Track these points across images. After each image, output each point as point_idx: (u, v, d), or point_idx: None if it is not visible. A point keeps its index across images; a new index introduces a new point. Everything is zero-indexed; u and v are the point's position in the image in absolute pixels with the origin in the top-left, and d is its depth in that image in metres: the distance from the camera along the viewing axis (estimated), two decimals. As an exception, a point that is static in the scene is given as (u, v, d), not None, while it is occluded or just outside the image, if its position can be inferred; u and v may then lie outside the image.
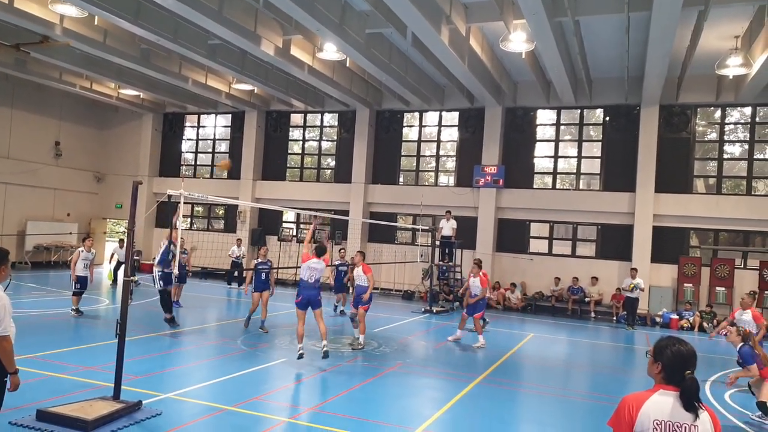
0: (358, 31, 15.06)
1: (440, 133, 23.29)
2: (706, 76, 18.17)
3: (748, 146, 19.62)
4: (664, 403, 3.01)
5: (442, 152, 23.35)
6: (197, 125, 27.38)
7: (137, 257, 20.93)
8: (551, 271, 20.61)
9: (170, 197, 8.13)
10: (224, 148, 26.85)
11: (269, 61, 17.95)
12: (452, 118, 22.97)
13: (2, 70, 20.64)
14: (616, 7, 13.17)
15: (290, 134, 25.70)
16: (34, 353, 9.14)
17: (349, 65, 19.79)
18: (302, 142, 25.65)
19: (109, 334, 8.48)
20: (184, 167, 27.39)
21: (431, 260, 18.89)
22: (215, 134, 27.14)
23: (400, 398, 8.52)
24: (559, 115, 21.57)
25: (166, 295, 12.33)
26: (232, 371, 9.27)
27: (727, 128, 20.01)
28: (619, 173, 20.32)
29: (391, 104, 23.14)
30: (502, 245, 21.53)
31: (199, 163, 27.43)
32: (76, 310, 13.24)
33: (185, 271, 15.29)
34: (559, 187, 21.53)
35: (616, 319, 18.43)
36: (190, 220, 26.74)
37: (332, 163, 24.99)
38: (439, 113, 23.11)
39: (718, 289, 18.71)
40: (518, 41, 14.23)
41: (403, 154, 23.77)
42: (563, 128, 21.77)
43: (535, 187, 21.59)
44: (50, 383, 7.85)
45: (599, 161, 21.01)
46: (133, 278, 7.75)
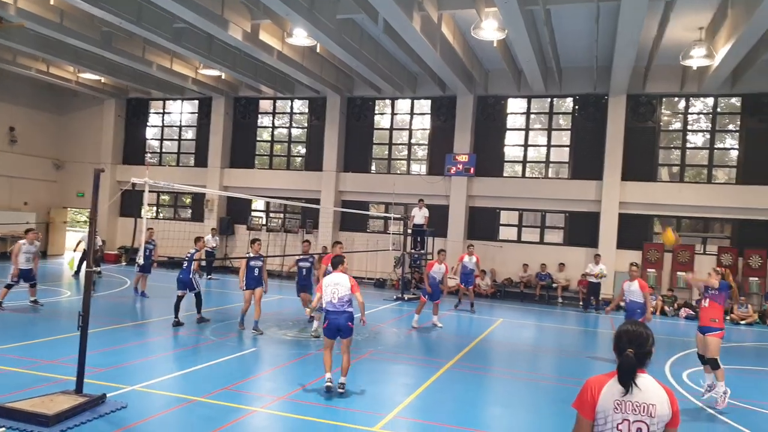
0: (328, 16, 14.83)
1: (412, 121, 23.22)
2: (671, 66, 18.48)
3: (709, 136, 20.07)
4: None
5: (413, 140, 23.29)
6: (162, 111, 26.74)
7: (101, 247, 20.48)
8: (520, 258, 20.82)
9: (134, 185, 7.89)
10: (191, 134, 26.32)
11: (237, 46, 17.58)
12: (424, 105, 22.92)
13: (-45, 52, 19.81)
14: (585, -5, 13.24)
15: (259, 121, 25.31)
16: (-8, 346, 8.84)
17: (319, 51, 19.54)
18: (272, 129, 25.30)
19: (71, 326, 8.21)
20: (149, 155, 26.77)
21: (403, 248, 18.89)
22: (181, 121, 26.55)
23: (371, 385, 8.49)
24: (529, 103, 21.70)
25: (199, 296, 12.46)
26: (200, 362, 9.11)
27: (690, 118, 20.42)
28: (587, 162, 20.59)
29: (362, 91, 22.95)
30: (472, 233, 21.65)
31: (164, 150, 26.83)
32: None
33: (150, 261, 15.00)
34: (528, 175, 21.71)
35: (583, 304, 18.72)
36: (156, 209, 26.19)
37: (302, 150, 24.72)
38: (411, 101, 23.02)
39: (679, 274, 19.18)
40: (490, 29, 14.21)
41: (374, 142, 23.63)
42: (533, 117, 21.93)
43: (505, 175, 21.74)
44: (8, 378, 7.59)
45: (568, 150, 21.24)
46: (95, 269, 7.51)
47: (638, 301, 10.48)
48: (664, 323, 16.48)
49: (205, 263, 21.70)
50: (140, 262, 9.59)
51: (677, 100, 20.36)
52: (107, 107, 26.52)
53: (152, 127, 26.97)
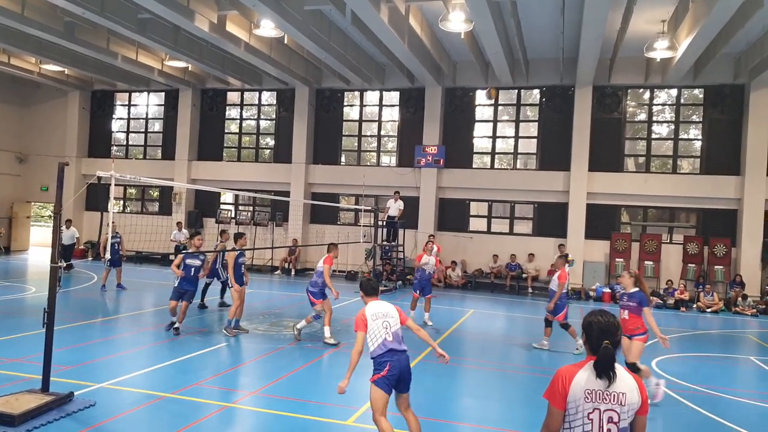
0: (296, 7, 14.70)
1: (381, 112, 23.22)
2: (635, 58, 18.84)
3: (674, 126, 20.53)
4: (593, 373, 3.13)
5: (383, 132, 23.30)
6: (128, 103, 26.21)
7: (77, 239, 20.23)
8: (490, 248, 21.05)
9: (100, 179, 7.75)
10: (157, 127, 25.87)
11: (204, 37, 17.30)
12: (393, 97, 22.92)
13: None
14: (552, -12, 13.38)
15: (227, 113, 25.02)
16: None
17: (287, 42, 19.38)
18: (240, 121, 25.02)
19: (36, 323, 8.07)
20: (114, 148, 26.24)
21: (374, 240, 18.93)
22: (148, 113, 26.07)
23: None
24: (497, 95, 21.86)
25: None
26: (170, 358, 9.02)
27: (655, 109, 20.85)
28: (554, 152, 20.88)
29: (331, 83, 22.84)
30: (443, 224, 21.81)
31: (131, 143, 26.32)
32: None
33: (118, 255, 14.86)
34: (497, 166, 21.93)
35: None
36: (123, 202, 25.73)
37: (271, 142, 24.52)
38: (379, 92, 23.01)
39: (646, 263, 19.64)
40: (457, 21, 14.27)
41: (344, 133, 23.57)
42: (501, 108, 22.12)
43: (474, 167, 21.92)
44: (-28, 377, 7.42)
45: (536, 141, 21.50)
46: (61, 264, 7.36)
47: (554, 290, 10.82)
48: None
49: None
50: (107, 257, 9.44)
51: (642, 91, 20.76)
52: (71, 99, 25.88)
53: (118, 119, 26.43)
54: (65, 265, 17.94)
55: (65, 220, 20.09)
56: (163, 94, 25.41)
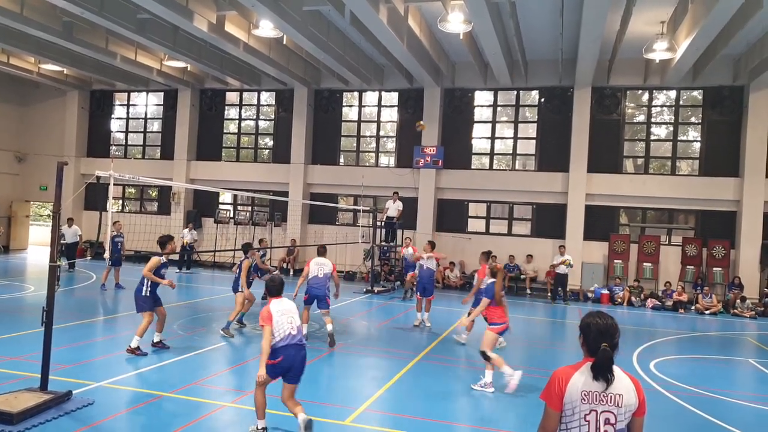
0: (294, 8, 14.71)
1: (380, 113, 23.23)
2: (634, 59, 18.86)
3: (672, 128, 20.56)
4: (590, 374, 3.12)
5: (382, 133, 23.31)
6: (127, 103, 26.21)
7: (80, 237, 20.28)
8: (488, 249, 20.98)
9: (99, 179, 7.75)
10: (156, 127, 25.87)
11: (202, 37, 17.32)
12: (392, 98, 22.93)
13: None
14: (551, -11, 13.40)
15: (226, 113, 25.02)
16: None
17: (286, 43, 19.38)
18: (238, 121, 25.03)
19: (34, 322, 8.06)
20: (113, 147, 26.24)
21: (372, 241, 18.94)
22: (147, 113, 26.07)
23: (341, 378, 8.54)
24: (496, 96, 21.90)
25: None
26: (168, 357, 9.02)
27: (653, 110, 20.88)
28: (553, 154, 20.89)
29: (329, 83, 22.85)
30: (441, 225, 21.81)
31: (130, 143, 26.32)
32: None
33: (120, 254, 14.87)
34: (496, 167, 21.94)
35: (551, 295, 18.97)
36: (121, 202, 25.72)
37: (270, 142, 24.53)
38: (378, 93, 23.02)
39: (645, 264, 19.65)
40: (456, 22, 14.28)
41: (342, 134, 23.58)
42: (500, 109, 22.14)
43: (473, 167, 21.93)
44: (-30, 376, 7.41)
45: (534, 142, 21.52)
46: (62, 262, 7.36)
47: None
48: (631, 314, 16.91)
49: (178, 257, 21.52)
50: (107, 256, 9.45)
51: (641, 92, 20.79)
52: (70, 99, 25.88)
53: (117, 119, 26.42)
54: (68, 263, 18.04)
55: (67, 218, 20.10)
56: (162, 94, 25.42)
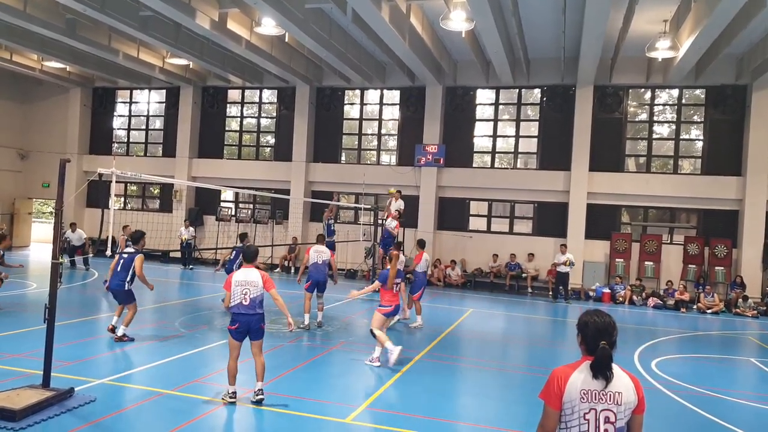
0: (297, 5, 14.70)
1: (381, 111, 23.22)
2: (637, 58, 18.82)
3: (675, 127, 20.53)
4: (589, 373, 3.13)
5: (383, 131, 23.30)
6: (129, 101, 26.23)
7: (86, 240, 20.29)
8: (490, 248, 21.05)
9: (101, 176, 7.77)
10: (158, 124, 25.88)
11: (205, 35, 17.32)
12: (393, 96, 22.92)
13: None
14: (553, -13, 13.38)
15: (228, 111, 25.02)
16: (-46, 341, 8.64)
17: (288, 41, 19.38)
18: (240, 119, 25.04)
19: (37, 319, 8.08)
20: (116, 145, 26.26)
21: (374, 239, 18.94)
22: (149, 110, 26.07)
23: (343, 376, 8.55)
24: (497, 94, 21.88)
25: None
26: (170, 354, 9.05)
27: (656, 109, 20.84)
28: (555, 152, 20.87)
29: (331, 81, 22.85)
30: (442, 223, 21.82)
31: (132, 140, 26.34)
32: None
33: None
34: (497, 166, 21.92)
35: (552, 294, 18.96)
36: (123, 199, 25.75)
37: (272, 140, 24.53)
38: (380, 91, 23.01)
39: (646, 263, 19.63)
40: (458, 20, 14.26)
41: (344, 132, 23.58)
42: (502, 108, 22.13)
43: (474, 166, 21.92)
44: (-27, 372, 7.43)
45: (536, 140, 21.50)
46: (62, 260, 7.39)
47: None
48: (632, 313, 16.91)
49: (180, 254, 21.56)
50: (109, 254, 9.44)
51: (643, 91, 20.76)
52: (73, 96, 25.90)
53: (119, 116, 26.44)
54: (70, 261, 18.08)
55: (69, 223, 20.12)
56: (164, 91, 25.42)
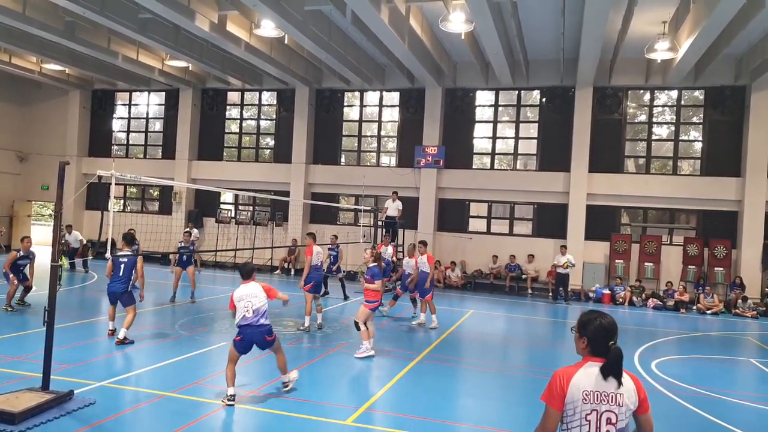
0: (296, 7, 14.71)
1: (381, 113, 23.22)
2: (636, 59, 18.83)
3: (674, 128, 20.54)
4: (592, 374, 3.12)
5: (383, 132, 23.31)
6: (129, 103, 26.24)
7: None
8: (490, 249, 21.05)
9: (101, 178, 7.76)
10: (158, 126, 25.88)
11: (204, 37, 17.32)
12: (393, 98, 22.93)
13: None
14: (552, -11, 13.39)
15: (227, 113, 25.04)
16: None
17: (287, 42, 19.39)
18: (240, 121, 25.04)
19: (36, 321, 8.08)
20: (115, 147, 26.26)
21: (373, 241, 18.92)
22: (148, 112, 26.08)
23: (343, 378, 8.54)
24: (497, 96, 21.89)
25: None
26: (170, 357, 9.03)
27: (655, 110, 20.85)
28: (554, 153, 20.88)
29: (331, 83, 22.86)
30: (442, 225, 21.82)
31: (131, 142, 26.34)
32: None
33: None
34: (497, 167, 21.93)
35: (552, 295, 18.95)
36: (123, 201, 25.75)
37: (271, 142, 24.53)
38: (379, 93, 23.02)
39: (646, 264, 19.63)
40: (457, 22, 14.26)
41: (344, 134, 23.58)
42: (501, 109, 22.14)
43: (474, 167, 21.92)
44: (-28, 375, 7.42)
45: (536, 142, 21.50)
46: (62, 263, 7.37)
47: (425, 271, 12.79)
48: (632, 314, 16.90)
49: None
50: (108, 256, 9.44)
51: (642, 92, 20.77)
52: (72, 98, 25.91)
53: (119, 118, 26.45)
54: (70, 263, 18.02)
55: (65, 225, 20.09)
56: (163, 93, 25.43)
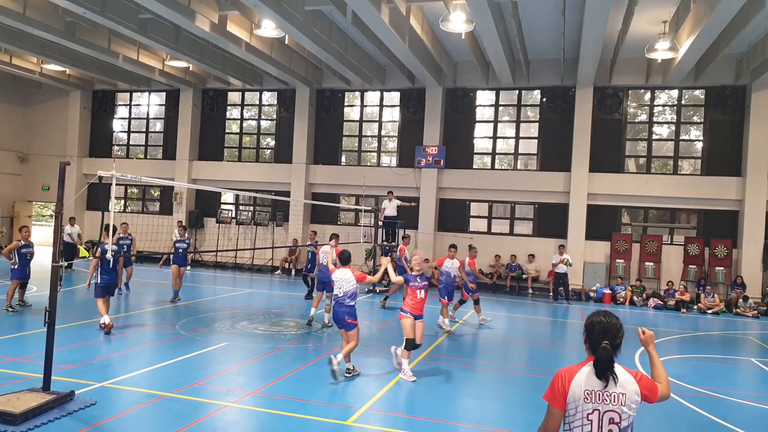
0: (296, 7, 14.71)
1: (382, 113, 23.22)
2: (636, 59, 18.84)
3: (674, 128, 20.53)
4: (593, 373, 3.13)
5: (383, 132, 23.31)
6: (129, 103, 26.25)
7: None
8: (490, 249, 21.03)
9: (101, 179, 7.77)
10: (159, 127, 25.89)
11: (205, 37, 17.33)
12: (394, 98, 22.93)
13: None
14: (552, -11, 13.39)
15: (228, 113, 25.04)
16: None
17: (288, 43, 19.40)
18: (240, 121, 25.04)
19: (37, 322, 8.08)
20: (116, 147, 26.26)
21: (374, 241, 18.92)
22: (149, 113, 26.10)
23: (344, 378, 8.52)
24: (497, 96, 21.89)
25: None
26: (170, 357, 9.03)
27: (655, 110, 20.84)
28: (555, 153, 20.87)
29: (331, 83, 22.86)
30: (443, 225, 21.81)
31: (132, 143, 26.35)
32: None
33: (129, 255, 14.78)
34: (497, 167, 21.92)
35: (553, 295, 18.90)
36: (123, 202, 25.76)
37: (272, 142, 24.53)
38: (380, 93, 23.01)
39: (647, 264, 19.63)
40: (458, 21, 14.27)
41: (344, 134, 23.58)
42: (502, 109, 22.13)
43: (474, 167, 21.92)
44: (-27, 376, 7.42)
45: (536, 142, 21.50)
46: (63, 263, 7.38)
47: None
48: (633, 313, 16.89)
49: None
50: (108, 257, 9.42)
51: (643, 92, 20.76)
52: (72, 99, 25.93)
53: (119, 119, 26.47)
54: (68, 264, 17.99)
55: (69, 217, 20.13)
56: (164, 94, 25.44)
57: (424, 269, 9.26)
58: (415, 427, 6.68)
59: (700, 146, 20.23)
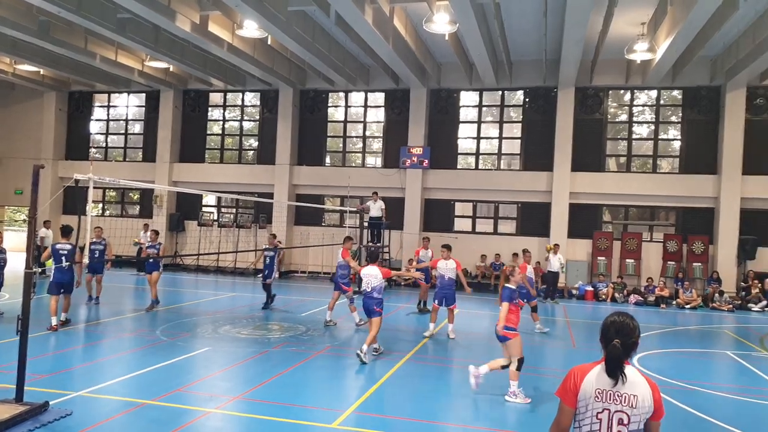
0: (279, 8, 14.57)
1: (366, 113, 23.14)
2: (616, 60, 19.00)
3: (653, 127, 20.75)
4: (604, 372, 3.12)
5: (368, 133, 23.23)
6: (107, 105, 25.86)
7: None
8: (475, 248, 21.07)
9: (78, 182, 7.58)
10: (138, 128, 25.54)
11: (185, 37, 17.11)
12: (378, 98, 22.86)
13: None
14: (534, -11, 13.43)
15: (209, 114, 24.77)
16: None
17: (270, 43, 19.23)
18: (222, 122, 24.79)
19: (9, 331, 7.85)
20: (93, 150, 25.83)
21: (360, 242, 18.83)
22: (128, 114, 25.73)
23: (328, 381, 8.44)
24: (481, 96, 21.94)
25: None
26: (150, 363, 8.85)
27: (635, 110, 21.05)
28: (537, 153, 20.98)
29: (315, 84, 22.72)
30: (428, 225, 21.80)
31: (110, 145, 25.96)
32: None
33: (102, 261, 13.86)
34: (481, 167, 21.99)
35: (545, 294, 18.81)
36: (102, 205, 25.36)
37: (255, 144, 24.33)
38: (364, 93, 22.93)
39: (628, 261, 19.83)
40: (441, 22, 14.27)
41: (328, 134, 23.46)
42: (485, 110, 22.19)
43: (459, 167, 21.95)
44: (-56, 386, 7.19)
45: (519, 142, 21.59)
46: (37, 269, 7.18)
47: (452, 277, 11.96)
48: (615, 310, 16.93)
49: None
50: (85, 261, 9.23)
51: (623, 92, 20.96)
52: (48, 100, 25.46)
53: (97, 121, 26.05)
54: (41, 270, 17.51)
55: (44, 221, 19.72)
56: (143, 95, 25.09)
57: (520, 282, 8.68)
58: (401, 428, 6.61)
59: (677, 145, 20.48)
